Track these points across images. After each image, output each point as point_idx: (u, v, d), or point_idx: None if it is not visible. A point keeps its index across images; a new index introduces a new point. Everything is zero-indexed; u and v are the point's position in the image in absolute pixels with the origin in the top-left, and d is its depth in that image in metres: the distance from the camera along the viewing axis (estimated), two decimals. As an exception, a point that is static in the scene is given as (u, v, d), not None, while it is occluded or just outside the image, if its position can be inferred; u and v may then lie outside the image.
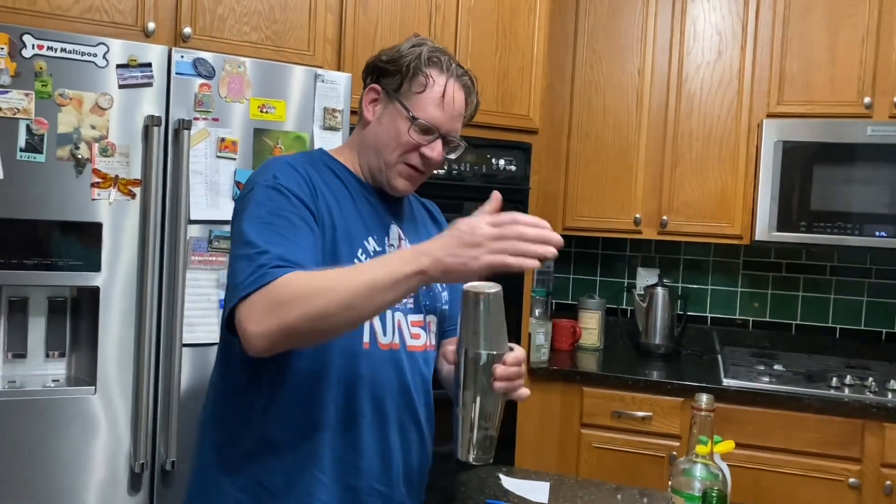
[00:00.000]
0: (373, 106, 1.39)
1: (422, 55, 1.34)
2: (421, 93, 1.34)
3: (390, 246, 1.38)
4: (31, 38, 1.82)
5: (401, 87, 1.35)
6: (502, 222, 1.08)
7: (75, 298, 1.98)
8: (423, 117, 1.33)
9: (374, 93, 1.39)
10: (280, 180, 1.25)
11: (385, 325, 1.33)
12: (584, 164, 3.09)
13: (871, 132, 2.71)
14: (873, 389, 2.59)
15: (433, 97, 1.34)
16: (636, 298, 3.24)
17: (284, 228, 1.20)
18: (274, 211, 1.21)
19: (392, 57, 1.37)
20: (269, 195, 1.24)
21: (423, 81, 1.34)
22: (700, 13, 2.98)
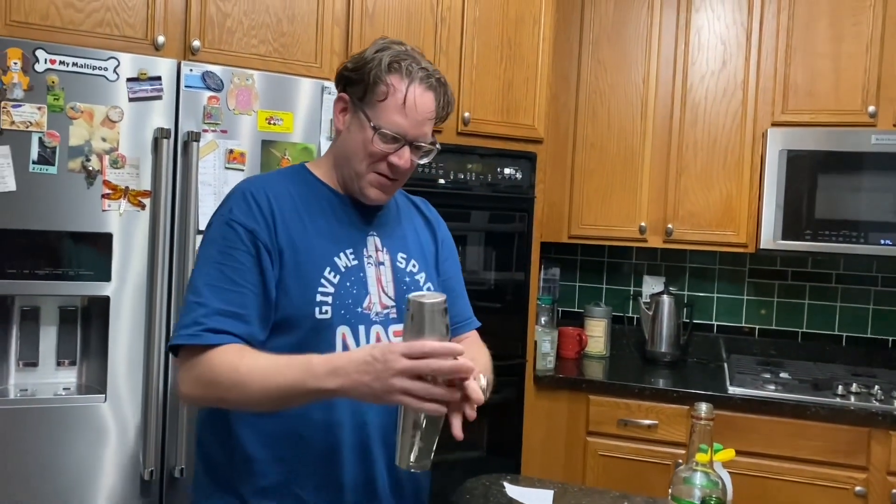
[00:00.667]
0: (342, 115, 1.37)
1: (382, 62, 1.31)
2: (382, 101, 1.31)
3: (368, 257, 1.37)
4: (43, 52, 1.85)
5: (364, 97, 1.33)
6: (414, 354, 1.07)
7: (86, 308, 2.01)
8: (386, 126, 1.31)
9: (342, 102, 1.37)
10: (234, 215, 1.28)
11: (359, 340, 1.32)
12: (589, 173, 3.11)
13: (875, 141, 2.71)
14: (879, 398, 2.59)
15: (395, 105, 1.31)
16: (642, 306, 3.25)
17: (231, 271, 1.25)
18: (224, 250, 1.27)
19: (356, 65, 1.35)
20: (222, 232, 1.28)
21: (383, 90, 1.31)
22: (705, 23, 3.00)
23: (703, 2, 3.00)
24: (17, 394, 1.90)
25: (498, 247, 2.79)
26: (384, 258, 1.39)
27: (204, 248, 1.30)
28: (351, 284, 1.33)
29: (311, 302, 1.28)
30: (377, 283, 1.37)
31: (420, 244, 1.49)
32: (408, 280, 1.42)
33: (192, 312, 1.23)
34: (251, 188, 1.32)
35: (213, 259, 1.26)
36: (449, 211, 2.66)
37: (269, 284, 1.27)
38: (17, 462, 1.86)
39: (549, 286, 3.41)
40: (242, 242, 1.26)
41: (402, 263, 1.42)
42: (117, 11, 2.06)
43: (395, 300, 1.38)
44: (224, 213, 1.30)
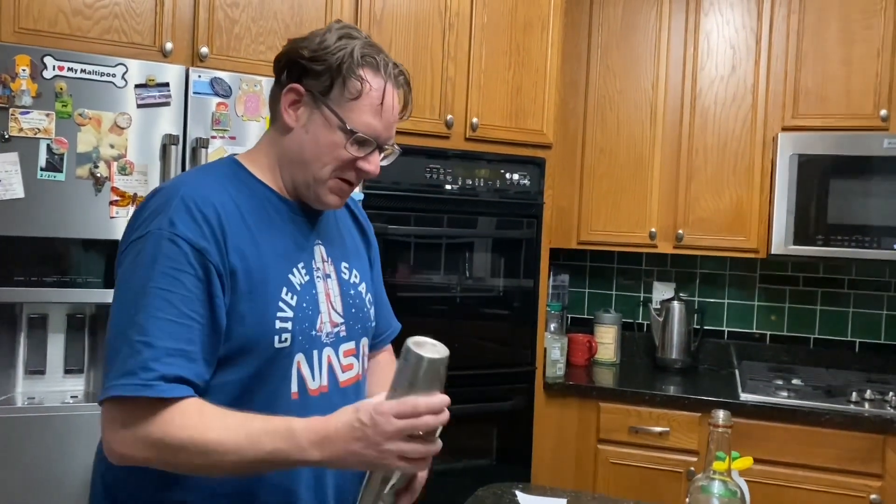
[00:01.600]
0: (293, 110, 1.17)
1: (354, 53, 1.14)
2: (355, 99, 1.14)
3: (317, 269, 1.22)
4: (51, 59, 1.85)
5: (330, 91, 1.15)
6: (405, 414, 0.99)
7: (94, 315, 2.00)
8: (359, 128, 1.15)
9: (294, 94, 1.17)
10: (178, 230, 1.07)
11: (314, 367, 1.19)
12: (598, 179, 3.09)
13: (887, 145, 2.69)
14: (894, 404, 2.56)
15: (370, 104, 1.15)
16: (652, 313, 3.23)
17: (176, 298, 1.05)
18: (167, 272, 1.05)
19: (317, 54, 1.15)
20: (162, 249, 1.06)
21: (357, 86, 1.14)
22: (714, 28, 2.98)
23: (712, 6, 2.99)
24: (25, 402, 1.89)
25: (506, 253, 2.77)
26: (330, 270, 1.25)
27: (138, 269, 1.06)
28: (307, 304, 1.18)
29: (270, 330, 1.12)
30: (326, 298, 1.22)
31: (357, 249, 1.36)
32: (353, 293, 1.29)
33: (136, 355, 1.02)
34: (192, 196, 1.10)
35: (154, 284, 1.04)
36: (457, 217, 2.67)
37: (218, 315, 1.08)
38: (24, 470, 1.84)
39: (559, 293, 3.38)
40: (190, 264, 1.06)
41: (345, 274, 1.28)
42: (125, 18, 2.05)
43: (343, 316, 1.25)
44: (163, 226, 1.07)
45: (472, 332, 2.69)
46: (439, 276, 2.61)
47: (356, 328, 1.28)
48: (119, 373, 1.03)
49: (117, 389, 1.02)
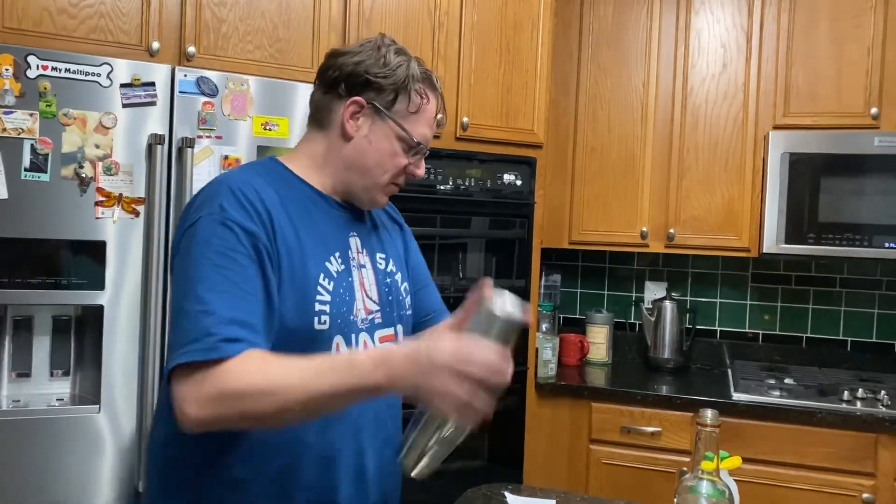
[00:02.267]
0: (354, 120, 1.28)
1: (414, 71, 1.28)
2: (416, 112, 1.28)
3: (352, 259, 1.30)
4: (35, 58, 1.83)
5: (394, 105, 1.27)
6: (459, 354, 0.99)
7: (80, 317, 1.99)
8: (418, 139, 1.29)
9: (356, 106, 1.27)
10: (228, 213, 1.14)
11: (352, 350, 1.26)
12: (589, 178, 3.08)
13: (878, 143, 2.69)
14: (886, 403, 2.55)
15: (427, 117, 1.30)
16: (644, 312, 3.22)
17: (233, 274, 1.11)
18: (222, 251, 1.11)
19: (382, 71, 1.27)
20: (215, 232, 1.13)
21: (417, 101, 1.28)
22: (704, 26, 2.98)
23: (703, 5, 2.98)
24: (10, 405, 1.87)
25: (498, 253, 2.76)
26: (365, 260, 1.33)
27: (194, 252, 1.13)
28: (343, 291, 1.26)
29: (310, 312, 1.20)
30: (360, 287, 1.30)
31: (392, 240, 1.44)
32: (389, 282, 1.36)
33: (198, 323, 1.07)
34: (239, 185, 1.18)
35: (211, 262, 1.11)
36: (449, 217, 2.66)
37: (272, 294, 1.15)
38: (9, 474, 1.82)
39: (551, 292, 3.38)
40: (242, 245, 1.13)
41: (381, 264, 1.36)
42: (111, 18, 2.04)
43: (378, 304, 1.32)
44: (214, 211, 1.14)
45: (464, 332, 2.67)
46: (432, 276, 2.59)
47: (393, 315, 1.35)
48: (182, 342, 1.08)
49: (183, 357, 1.07)
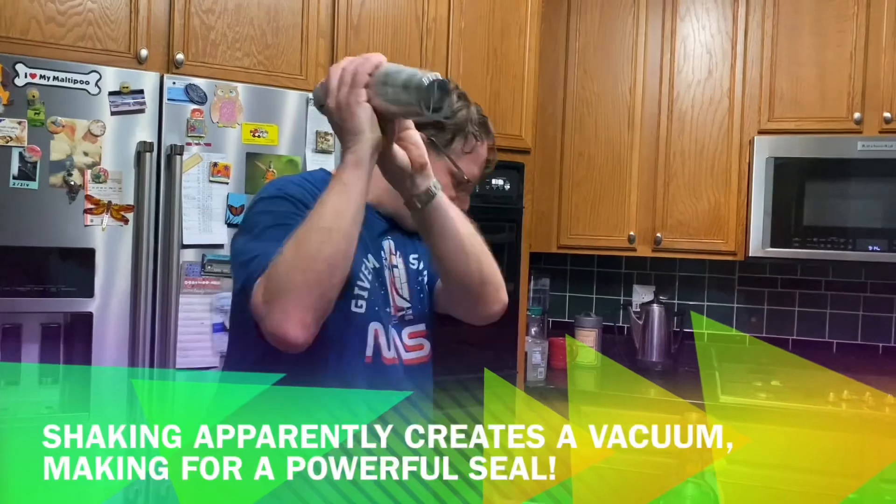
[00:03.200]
0: None
1: (473, 116, 1.38)
2: (469, 153, 1.38)
3: (385, 259, 1.38)
4: (23, 66, 1.83)
5: (451, 144, 1.37)
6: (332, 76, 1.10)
7: (69, 325, 1.98)
8: (468, 175, 1.38)
9: None
10: (285, 189, 1.27)
11: (389, 340, 1.34)
12: (577, 183, 3.10)
13: (861, 147, 2.72)
14: (871, 404, 2.58)
15: (478, 158, 1.40)
16: (632, 316, 3.24)
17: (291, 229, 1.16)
18: (278, 220, 1.21)
19: (449, 114, 1.35)
20: (273, 203, 1.25)
21: (472, 143, 1.38)
22: (690, 32, 3.01)
23: (689, 11, 3.01)
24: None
25: (487, 258, 2.77)
26: (397, 261, 1.40)
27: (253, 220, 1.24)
28: (379, 285, 1.34)
29: (350, 293, 1.27)
30: (391, 285, 1.37)
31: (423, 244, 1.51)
32: (420, 280, 1.43)
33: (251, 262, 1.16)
34: (292, 178, 1.33)
35: (266, 226, 1.21)
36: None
37: None
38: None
39: (539, 296, 3.39)
40: (297, 210, 1.21)
41: (414, 264, 1.43)
42: (99, 25, 2.04)
43: (410, 302, 1.39)
44: (271, 191, 1.28)
45: (454, 336, 2.68)
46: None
47: (424, 312, 1.42)
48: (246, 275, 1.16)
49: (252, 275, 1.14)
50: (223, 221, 2.04)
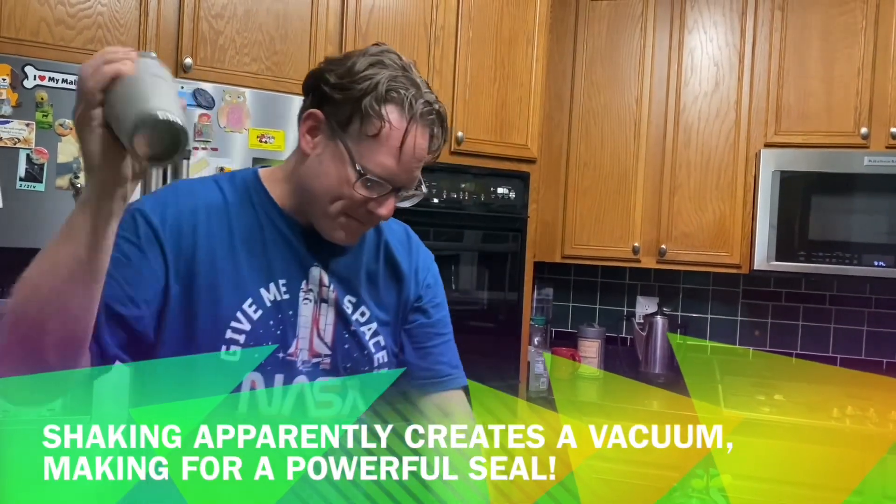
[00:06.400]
0: (311, 136, 1.09)
1: (378, 87, 1.04)
2: (373, 137, 1.05)
3: (306, 291, 1.14)
4: (32, 69, 1.84)
5: (349, 125, 1.06)
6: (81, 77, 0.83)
7: (72, 327, 1.98)
8: (374, 169, 1.06)
9: (313, 120, 1.09)
10: (142, 204, 1.06)
11: (273, 392, 1.12)
12: (582, 193, 3.10)
13: (868, 162, 2.72)
14: (874, 420, 2.57)
15: (389, 145, 1.05)
16: (636, 327, 3.23)
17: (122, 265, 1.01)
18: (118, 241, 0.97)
19: (342, 81, 1.06)
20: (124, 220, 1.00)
21: (376, 124, 1.04)
22: (697, 44, 3.01)
23: (696, 24, 3.01)
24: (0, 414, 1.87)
25: (491, 266, 2.77)
26: (329, 296, 1.15)
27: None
28: (275, 323, 1.10)
29: (220, 338, 1.07)
30: (313, 323, 1.14)
31: (377, 288, 1.23)
32: (352, 329, 1.18)
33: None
34: (179, 187, 1.12)
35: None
36: (442, 230, 2.67)
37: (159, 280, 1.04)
38: None
39: (543, 306, 3.39)
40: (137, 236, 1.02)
41: (348, 308, 1.18)
42: (109, 29, 2.04)
43: (331, 349, 1.15)
44: (134, 203, 1.03)
45: (457, 345, 2.68)
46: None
47: (344, 366, 1.17)
48: None
49: None
50: (228, 226, 2.04)
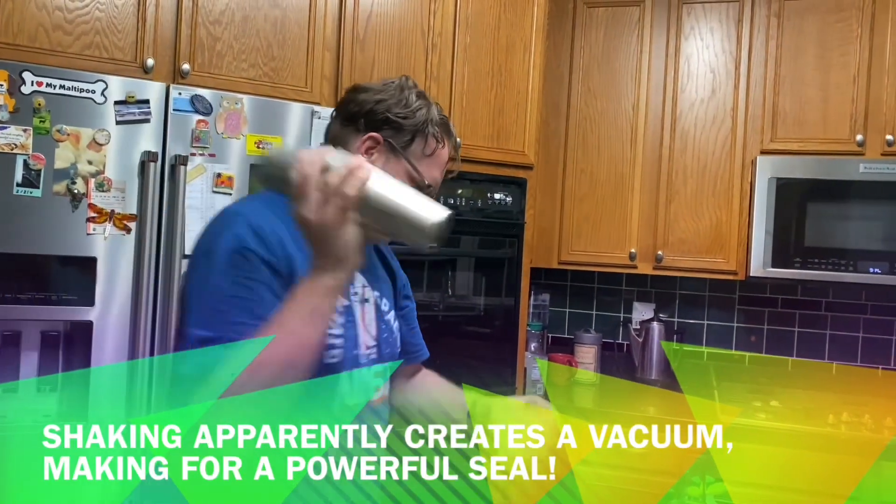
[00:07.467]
0: (368, 155, 1.27)
1: (433, 116, 1.30)
2: (430, 155, 1.30)
3: (354, 294, 1.27)
4: (30, 74, 1.84)
5: (410, 146, 1.28)
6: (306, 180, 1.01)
7: (68, 333, 1.98)
8: (428, 180, 1.29)
9: (372, 141, 1.28)
10: (246, 243, 1.14)
11: (354, 385, 1.25)
12: (579, 199, 3.11)
13: (863, 169, 2.73)
14: (870, 427, 2.57)
15: (439, 161, 1.32)
16: (632, 333, 3.24)
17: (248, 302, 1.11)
18: (238, 281, 1.11)
19: (404, 111, 1.29)
20: (232, 261, 1.12)
21: (433, 144, 1.30)
22: (694, 51, 3.02)
23: (693, 31, 3.02)
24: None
25: (488, 272, 2.77)
26: (368, 295, 1.31)
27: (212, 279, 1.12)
28: (349, 325, 1.24)
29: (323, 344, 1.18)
30: (361, 320, 1.28)
31: (385, 280, 1.43)
32: (385, 319, 1.35)
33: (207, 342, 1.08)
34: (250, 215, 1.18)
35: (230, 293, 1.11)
36: (439, 236, 2.66)
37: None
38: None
39: (539, 312, 3.39)
40: (260, 272, 1.12)
41: (378, 302, 1.35)
42: (106, 34, 2.04)
43: (376, 340, 1.31)
44: (229, 241, 1.13)
45: (454, 350, 2.68)
46: (422, 293, 2.61)
47: (386, 352, 1.33)
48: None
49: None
50: (225, 232, 2.04)
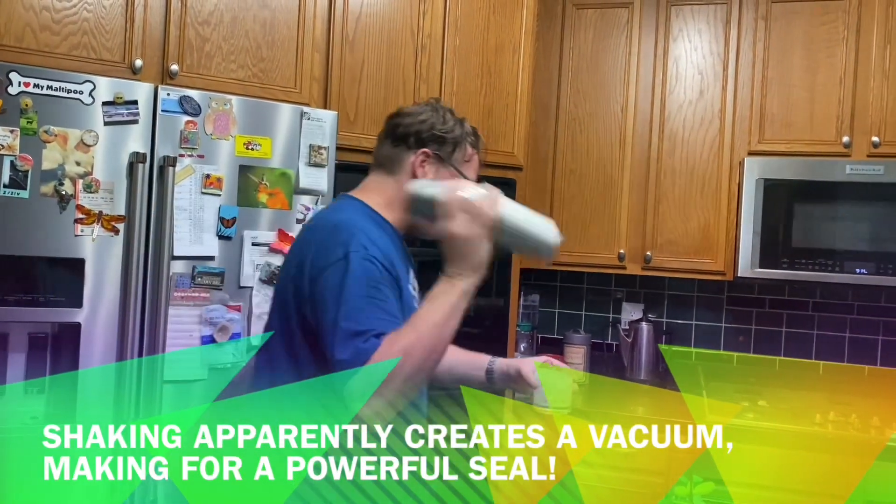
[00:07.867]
0: (423, 168, 1.52)
1: (467, 129, 1.57)
2: (468, 161, 1.56)
3: (415, 289, 1.52)
4: (17, 75, 1.83)
5: (453, 155, 1.54)
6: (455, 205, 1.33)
7: (56, 334, 1.97)
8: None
9: (424, 155, 1.53)
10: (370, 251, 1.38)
11: None
12: (568, 201, 3.12)
13: (850, 171, 2.75)
14: (857, 426, 2.59)
15: (475, 164, 1.59)
16: (621, 333, 3.25)
17: (383, 303, 1.34)
18: (373, 284, 1.35)
19: (446, 128, 1.55)
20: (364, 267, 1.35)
21: (469, 152, 1.56)
22: (682, 53, 3.04)
23: (681, 32, 3.04)
24: (-17, 422, 1.85)
25: (477, 273, 2.77)
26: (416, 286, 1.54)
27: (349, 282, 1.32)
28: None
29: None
30: None
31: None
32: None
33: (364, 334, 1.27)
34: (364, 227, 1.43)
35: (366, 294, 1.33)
36: (428, 237, 2.66)
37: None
38: (-20, 493, 1.80)
39: (529, 312, 3.40)
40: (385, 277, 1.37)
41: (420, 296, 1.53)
42: (94, 35, 2.04)
43: None
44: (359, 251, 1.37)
45: (442, 351, 2.68)
46: (410, 295, 2.61)
47: None
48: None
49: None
50: (214, 233, 2.04)
